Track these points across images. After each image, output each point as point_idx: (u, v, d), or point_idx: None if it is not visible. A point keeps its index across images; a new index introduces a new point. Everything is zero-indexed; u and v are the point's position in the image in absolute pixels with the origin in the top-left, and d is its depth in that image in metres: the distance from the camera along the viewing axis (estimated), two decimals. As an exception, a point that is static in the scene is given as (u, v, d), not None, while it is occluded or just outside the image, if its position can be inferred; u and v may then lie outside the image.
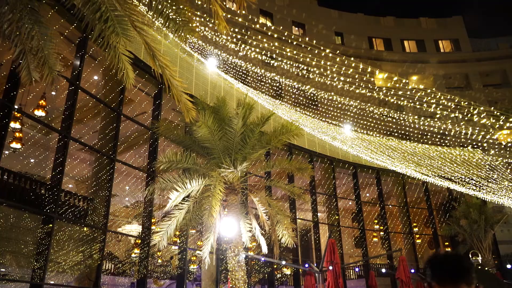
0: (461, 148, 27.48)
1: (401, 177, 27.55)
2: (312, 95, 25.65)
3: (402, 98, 28.71)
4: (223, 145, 10.00)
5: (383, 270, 14.46)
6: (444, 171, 22.31)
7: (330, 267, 10.27)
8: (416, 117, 29.25)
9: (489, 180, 22.91)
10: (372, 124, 25.35)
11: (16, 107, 12.81)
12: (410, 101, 29.79)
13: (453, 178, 21.98)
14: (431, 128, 28.10)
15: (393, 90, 28.81)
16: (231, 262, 10.02)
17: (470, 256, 7.96)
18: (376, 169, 26.75)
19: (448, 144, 27.95)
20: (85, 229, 14.54)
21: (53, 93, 15.87)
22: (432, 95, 29.18)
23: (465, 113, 29.31)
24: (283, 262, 15.40)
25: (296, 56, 23.42)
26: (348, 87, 24.18)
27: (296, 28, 36.53)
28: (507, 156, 28.25)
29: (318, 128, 20.35)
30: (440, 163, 23.07)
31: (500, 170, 24.44)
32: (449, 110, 28.74)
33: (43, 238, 12.32)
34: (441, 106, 27.75)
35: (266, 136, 10.20)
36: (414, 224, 27.96)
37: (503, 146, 32.27)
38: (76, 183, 21.47)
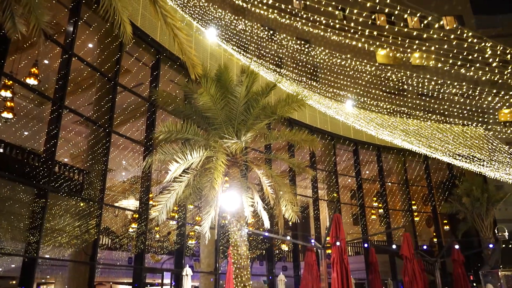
0: (464, 126, 27.13)
1: (401, 154, 27.22)
2: (313, 69, 25.01)
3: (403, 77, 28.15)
4: (225, 115, 9.48)
5: (394, 246, 14.16)
6: (447, 148, 21.93)
7: (338, 243, 9.95)
8: (418, 94, 28.79)
9: (492, 158, 22.59)
10: (374, 101, 24.82)
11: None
12: (412, 78, 29.28)
13: (455, 155, 21.62)
14: (434, 105, 27.70)
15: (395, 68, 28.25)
16: (234, 237, 9.65)
17: (496, 232, 7.65)
18: (377, 146, 26.37)
19: (450, 121, 27.56)
20: (81, 204, 14.14)
21: (46, 61, 15.17)
22: (434, 73, 28.70)
23: (467, 91, 28.88)
24: (288, 238, 15.09)
25: (297, 30, 22.73)
26: (349, 62, 23.57)
27: (297, 2, 35.50)
28: (508, 133, 27.96)
29: (320, 102, 19.82)
30: (443, 141, 22.69)
31: (502, 149, 24.13)
32: (451, 88, 28.27)
33: (37, 212, 11.90)
34: (444, 83, 27.27)
35: (270, 107, 9.68)
36: (413, 202, 27.78)
37: (504, 125, 31.98)
38: (71, 156, 20.95)
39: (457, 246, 17.75)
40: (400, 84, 29.49)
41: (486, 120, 29.09)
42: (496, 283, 15.82)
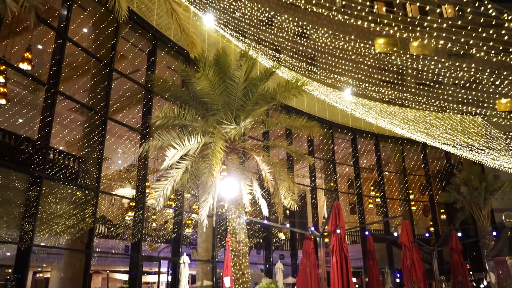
0: (462, 115, 27.03)
1: (399, 143, 27.14)
2: (312, 54, 24.73)
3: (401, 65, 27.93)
4: (224, 100, 9.26)
5: (395, 234, 14.12)
6: (445, 138, 21.83)
7: (338, 231, 9.83)
8: (416, 83, 28.61)
9: (490, 147, 22.52)
10: (372, 90, 24.62)
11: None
12: (410, 67, 29.09)
13: (454, 144, 21.52)
14: (432, 95, 27.55)
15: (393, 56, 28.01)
16: (232, 224, 9.49)
17: (504, 218, 7.56)
18: (375, 135, 26.25)
19: (448, 111, 27.45)
20: (78, 193, 13.96)
21: (40, 46, 14.84)
22: (433, 62, 28.50)
23: (465, 80, 28.74)
24: (287, 225, 14.99)
25: (296, 18, 22.41)
26: (348, 50, 23.33)
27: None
28: (506, 124, 27.89)
29: (319, 90, 19.60)
30: (441, 130, 22.57)
31: (500, 138, 24.06)
32: (449, 77, 28.13)
33: (32, 199, 11.70)
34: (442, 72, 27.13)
35: (269, 92, 9.46)
36: (410, 191, 27.76)
37: (502, 115, 31.91)
38: (66, 144, 20.69)
39: (459, 234, 17.76)
40: (398, 72, 29.32)
41: (484, 109, 29.02)
42: (503, 270, 15.82)
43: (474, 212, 21.31)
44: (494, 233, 19.07)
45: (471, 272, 21.99)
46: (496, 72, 27.11)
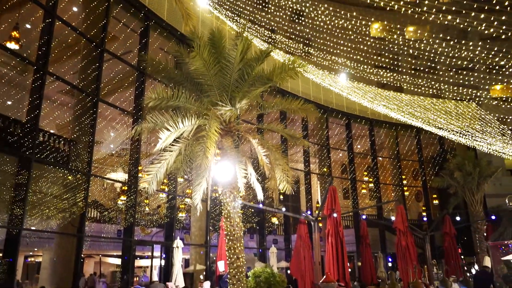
0: (456, 101, 26.98)
1: (393, 128, 27.09)
2: (308, 35, 24.39)
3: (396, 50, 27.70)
4: (219, 82, 9.00)
5: (392, 218, 14.10)
6: (439, 123, 21.78)
7: (335, 215, 9.73)
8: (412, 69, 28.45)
9: (484, 133, 22.53)
10: (370, 72, 24.40)
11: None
12: (405, 52, 28.89)
13: (449, 129, 21.50)
14: (428, 80, 27.41)
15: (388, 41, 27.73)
16: (227, 208, 9.32)
17: (507, 202, 7.48)
18: (370, 120, 26.15)
19: (443, 96, 27.37)
20: (69, 177, 13.72)
21: (28, 26, 14.39)
22: (428, 47, 28.30)
23: (461, 66, 28.63)
24: (283, 209, 14.90)
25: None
26: (342, 34, 23.02)
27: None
28: (500, 109, 27.94)
29: (315, 74, 19.36)
30: (435, 115, 22.51)
31: (493, 124, 24.09)
32: (445, 63, 27.96)
33: (21, 182, 11.45)
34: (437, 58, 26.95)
35: (266, 74, 9.21)
36: (404, 176, 27.83)
37: (495, 101, 31.96)
38: (57, 127, 20.32)
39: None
40: (393, 58, 29.11)
41: (478, 95, 29.00)
42: (496, 255, 15.96)
43: (467, 197, 21.40)
44: (493, 217, 19.20)
45: (462, 256, 22.20)
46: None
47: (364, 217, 22.89)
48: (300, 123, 23.38)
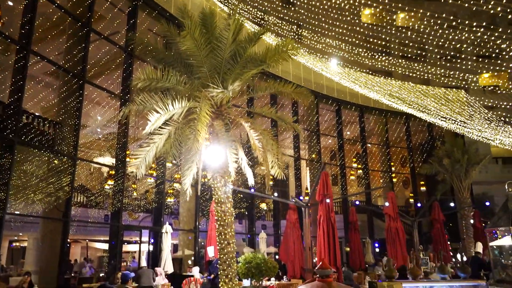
0: (446, 88, 27.04)
1: (383, 115, 27.09)
2: (297, 25, 24.05)
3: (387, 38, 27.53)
4: (210, 63, 8.71)
5: (386, 204, 14.10)
6: (429, 110, 21.80)
7: (328, 200, 9.63)
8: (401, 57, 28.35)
9: (472, 120, 22.66)
10: (357, 60, 24.25)
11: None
12: (396, 39, 28.75)
13: (439, 116, 21.55)
14: (417, 67, 27.37)
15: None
16: (217, 193, 9.13)
17: (507, 188, 7.45)
18: (360, 106, 26.08)
19: (433, 84, 27.42)
20: (55, 161, 13.37)
21: (10, 3, 13.81)
22: (420, 34, 28.19)
23: (451, 54, 28.65)
24: (276, 194, 14.78)
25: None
26: (333, 20, 22.73)
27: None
28: (488, 98, 28.12)
29: (305, 58, 19.11)
30: (425, 102, 22.52)
31: (481, 112, 24.23)
32: (435, 51, 27.95)
33: (4, 165, 11.08)
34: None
35: (259, 55, 8.93)
36: (392, 163, 27.95)
37: (483, 89, 32.17)
38: (42, 110, 19.79)
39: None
40: (384, 44, 28.95)
41: (467, 83, 29.13)
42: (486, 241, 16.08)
43: (455, 184, 21.58)
44: (487, 203, 19.40)
45: (448, 242, 22.47)
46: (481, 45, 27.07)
47: (357, 202, 23.00)
48: (290, 109, 23.20)
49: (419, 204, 23.80)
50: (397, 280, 5.25)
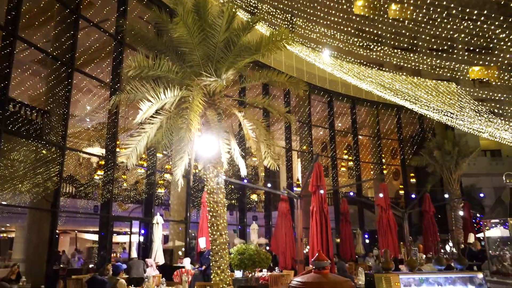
0: (436, 81, 27.12)
1: (375, 107, 27.11)
2: (290, 15, 23.83)
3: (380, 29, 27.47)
4: (203, 51, 8.54)
5: (381, 195, 14.11)
6: (420, 102, 21.83)
7: (322, 191, 9.58)
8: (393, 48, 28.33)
9: (463, 113, 22.77)
10: (351, 50, 24.15)
11: None
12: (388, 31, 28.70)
13: (430, 109, 21.62)
14: (408, 60, 27.41)
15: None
16: (210, 184, 9.04)
17: (504, 179, 7.45)
18: (352, 98, 26.05)
19: (424, 76, 27.49)
20: (44, 151, 13.10)
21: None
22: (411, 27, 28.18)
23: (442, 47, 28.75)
24: (269, 185, 14.72)
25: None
26: (327, 8, 22.56)
27: None
28: (478, 90, 28.31)
29: (298, 48, 18.96)
30: (417, 93, 22.55)
31: (472, 105, 24.36)
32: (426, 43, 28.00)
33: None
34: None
35: (253, 44, 8.78)
36: (383, 155, 28.06)
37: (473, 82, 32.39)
38: (30, 99, 19.41)
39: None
40: (376, 35, 28.91)
41: (457, 76, 29.28)
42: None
43: (445, 176, 21.74)
44: (482, 195, 19.57)
45: (438, 234, 22.71)
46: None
47: (352, 193, 23.07)
48: (282, 100, 23.06)
49: (413, 196, 23.93)
50: (394, 272, 5.22)
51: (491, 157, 33.06)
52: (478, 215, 24.18)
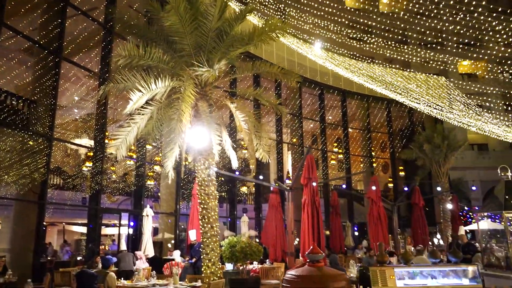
0: (426, 74, 27.25)
1: (365, 100, 27.16)
2: (284, 5, 23.66)
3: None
4: (195, 41, 8.38)
5: (373, 188, 14.12)
6: (410, 95, 21.92)
7: (314, 183, 9.54)
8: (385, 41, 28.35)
9: (452, 107, 22.94)
10: (341, 42, 24.11)
11: None
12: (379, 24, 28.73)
13: (420, 102, 21.72)
14: (400, 52, 27.47)
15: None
16: (201, 176, 8.92)
17: (499, 172, 7.46)
18: (342, 91, 26.04)
19: (413, 70, 27.60)
20: (31, 142, 12.83)
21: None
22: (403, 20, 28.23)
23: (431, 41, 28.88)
24: (261, 177, 14.65)
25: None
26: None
27: None
28: (466, 84, 28.56)
29: (289, 40, 18.84)
30: (407, 86, 22.64)
31: (461, 97, 24.56)
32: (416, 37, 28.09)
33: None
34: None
35: (246, 34, 8.64)
36: (373, 148, 28.17)
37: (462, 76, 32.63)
38: (16, 89, 18.98)
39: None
40: (366, 29, 28.94)
41: (447, 68, 29.49)
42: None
43: (434, 169, 21.90)
44: (474, 188, 19.75)
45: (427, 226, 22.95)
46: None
47: (344, 186, 23.15)
48: (273, 92, 22.95)
49: (406, 188, 24.08)
50: (389, 265, 5.19)
51: (478, 151, 33.40)
52: (466, 208, 24.48)
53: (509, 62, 26.91)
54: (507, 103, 30.15)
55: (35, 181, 12.32)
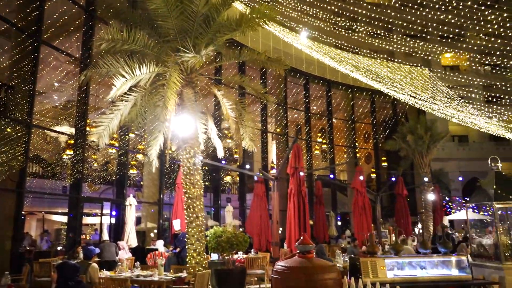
0: (411, 66, 27.41)
1: (350, 90, 27.20)
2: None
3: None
4: (181, 26, 8.12)
5: (361, 178, 14.13)
6: (396, 87, 22.01)
7: (302, 173, 9.45)
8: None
9: (435, 98, 23.14)
10: (327, 31, 23.99)
11: None
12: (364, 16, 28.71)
13: (404, 93, 21.84)
14: (383, 44, 27.54)
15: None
16: (186, 165, 8.73)
17: (490, 163, 7.47)
18: (327, 81, 26.01)
19: (398, 61, 27.71)
20: (8, 129, 12.37)
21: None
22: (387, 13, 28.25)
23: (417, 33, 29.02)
24: (247, 166, 14.50)
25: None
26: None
27: None
28: (448, 75, 28.88)
29: (275, 28, 18.62)
30: (391, 79, 22.72)
31: (443, 91, 24.80)
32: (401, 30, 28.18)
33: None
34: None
35: (234, 19, 8.41)
36: (356, 138, 28.33)
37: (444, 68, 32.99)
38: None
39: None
40: (354, 16, 28.87)
41: (430, 57, 29.73)
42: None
43: (416, 160, 22.14)
44: (460, 178, 20.00)
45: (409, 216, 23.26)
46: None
47: (332, 176, 23.25)
48: (258, 81, 22.74)
49: (393, 178, 24.31)
50: (379, 256, 5.14)
51: (459, 142, 33.95)
52: (446, 198, 24.86)
53: (492, 52, 27.27)
54: (488, 93, 30.63)
55: (13, 169, 11.92)
